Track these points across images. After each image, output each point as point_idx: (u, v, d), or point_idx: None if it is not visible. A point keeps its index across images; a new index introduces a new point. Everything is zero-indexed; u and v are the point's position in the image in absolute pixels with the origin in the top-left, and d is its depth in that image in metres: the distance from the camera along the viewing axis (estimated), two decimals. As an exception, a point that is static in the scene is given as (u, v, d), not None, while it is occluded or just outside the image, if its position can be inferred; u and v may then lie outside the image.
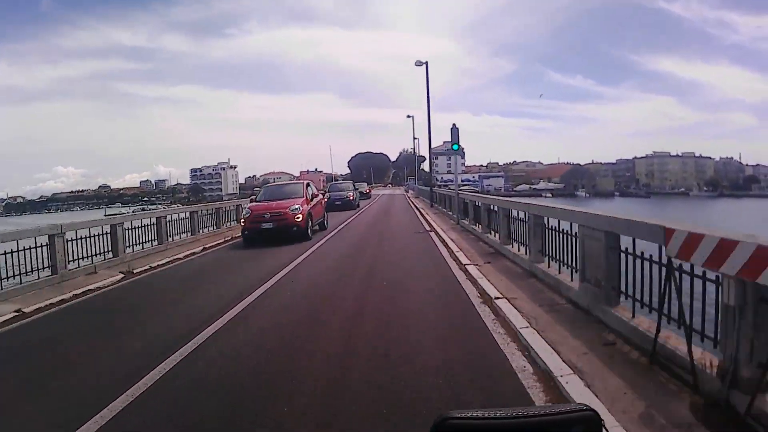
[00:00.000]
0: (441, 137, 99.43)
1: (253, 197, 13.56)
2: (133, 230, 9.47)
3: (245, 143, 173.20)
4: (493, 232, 8.73)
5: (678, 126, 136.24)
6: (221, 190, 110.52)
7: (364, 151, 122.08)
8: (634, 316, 3.61)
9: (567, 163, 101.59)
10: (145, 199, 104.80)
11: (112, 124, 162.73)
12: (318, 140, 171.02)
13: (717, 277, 2.65)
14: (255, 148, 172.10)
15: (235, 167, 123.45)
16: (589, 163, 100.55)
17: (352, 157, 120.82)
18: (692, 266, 2.86)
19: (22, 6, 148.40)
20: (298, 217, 10.09)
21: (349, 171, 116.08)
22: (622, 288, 3.84)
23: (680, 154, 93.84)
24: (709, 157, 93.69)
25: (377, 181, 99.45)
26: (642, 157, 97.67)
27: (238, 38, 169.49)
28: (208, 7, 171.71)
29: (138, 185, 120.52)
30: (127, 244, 9.11)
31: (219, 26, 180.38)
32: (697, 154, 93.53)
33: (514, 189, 76.42)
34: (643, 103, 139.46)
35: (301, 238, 10.10)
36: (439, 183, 45.23)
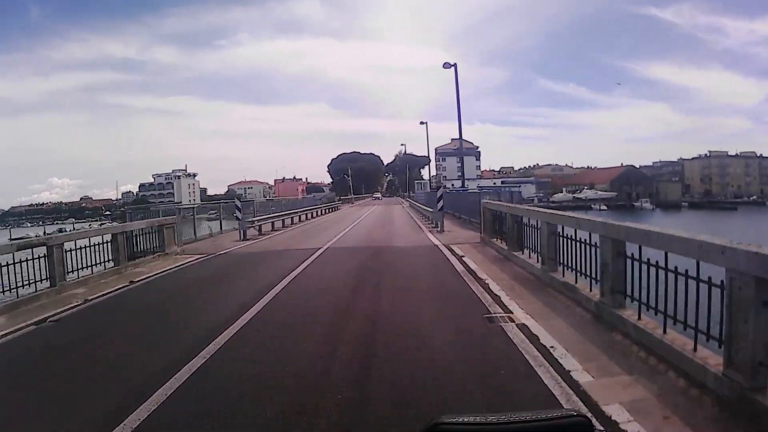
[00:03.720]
0: (432, 146, 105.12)
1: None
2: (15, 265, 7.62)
3: (237, 153, 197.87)
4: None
5: (672, 132, 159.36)
6: (179, 202, 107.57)
7: (349, 151, 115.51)
8: None
9: (601, 168, 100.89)
10: (107, 213, 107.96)
11: (105, 135, 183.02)
12: (310, 150, 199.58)
13: None
14: (246, 159, 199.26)
15: (193, 175, 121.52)
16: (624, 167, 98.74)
17: (333, 160, 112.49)
18: None
19: (12, 18, 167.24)
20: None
21: (331, 179, 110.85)
22: None
23: (738, 154, 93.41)
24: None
25: (368, 190, 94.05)
26: (694, 159, 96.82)
27: (228, 50, 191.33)
28: (197, 19, 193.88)
29: (121, 197, 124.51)
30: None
31: (209, 38, 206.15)
32: (758, 154, 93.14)
33: (551, 199, 70.03)
34: (637, 110, 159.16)
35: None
36: (449, 189, 40.65)
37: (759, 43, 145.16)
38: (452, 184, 49.46)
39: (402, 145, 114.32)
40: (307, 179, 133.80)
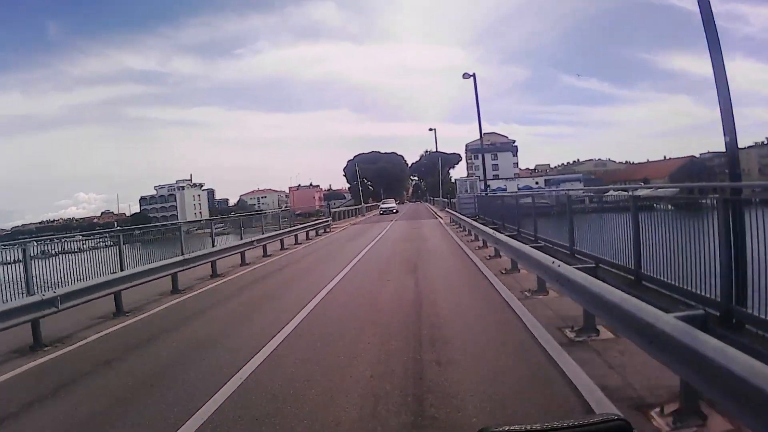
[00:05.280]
0: (456, 149, 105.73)
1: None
2: None
3: (257, 162, 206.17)
4: None
5: (693, 124, 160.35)
6: (181, 216, 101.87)
7: (368, 151, 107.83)
8: None
9: (655, 161, 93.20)
10: (111, 229, 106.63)
11: (128, 148, 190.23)
12: (332, 156, 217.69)
13: None
14: (266, 167, 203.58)
15: (200, 185, 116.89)
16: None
17: (349, 161, 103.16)
18: None
19: (32, 35, 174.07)
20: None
21: (349, 185, 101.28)
22: None
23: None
24: None
25: (391, 194, 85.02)
26: (750, 147, 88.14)
27: (248, 58, 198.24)
28: (215, 28, 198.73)
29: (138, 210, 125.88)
30: None
31: (228, 47, 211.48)
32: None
33: (604, 199, 65.25)
34: (657, 104, 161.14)
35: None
36: (486, 193, 28.33)
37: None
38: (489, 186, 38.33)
39: (426, 151, 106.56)
40: (330, 186, 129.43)
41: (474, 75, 25.29)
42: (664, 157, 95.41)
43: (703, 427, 3.10)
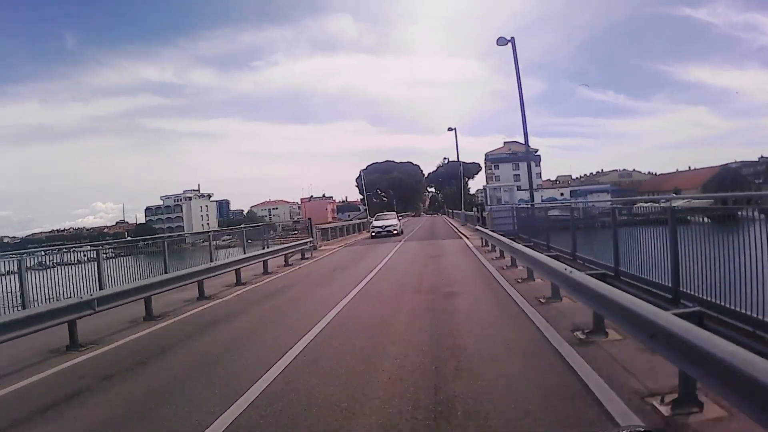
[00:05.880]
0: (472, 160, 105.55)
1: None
2: None
3: (274, 173, 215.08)
4: None
5: (712, 135, 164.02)
6: (188, 227, 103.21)
7: (382, 160, 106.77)
8: None
9: (683, 170, 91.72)
10: (128, 237, 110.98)
11: (144, 158, 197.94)
12: (348, 168, 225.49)
13: None
14: (281, 178, 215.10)
15: (208, 196, 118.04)
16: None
17: (362, 171, 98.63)
18: None
19: (50, 47, 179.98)
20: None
21: (361, 196, 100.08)
22: None
23: None
24: None
25: (406, 207, 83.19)
26: None
27: (264, 70, 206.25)
28: (232, 41, 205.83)
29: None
30: None
31: (245, 59, 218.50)
32: None
33: (633, 211, 63.70)
34: (674, 115, 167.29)
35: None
36: (533, 204, 20.73)
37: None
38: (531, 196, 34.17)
39: (445, 158, 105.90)
40: (346, 198, 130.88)
41: (513, 39, 19.00)
42: (689, 167, 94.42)
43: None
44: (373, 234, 29.24)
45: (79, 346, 7.11)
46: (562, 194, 73.03)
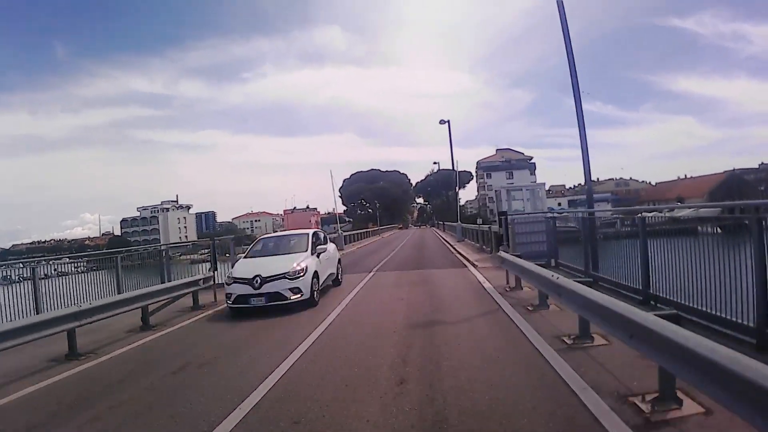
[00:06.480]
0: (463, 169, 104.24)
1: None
2: None
3: (261, 186, 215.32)
4: None
5: (699, 145, 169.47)
6: (164, 239, 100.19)
7: (366, 169, 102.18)
8: None
9: (687, 178, 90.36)
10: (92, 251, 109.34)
11: (133, 170, 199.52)
12: (337, 180, 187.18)
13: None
14: (268, 191, 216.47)
15: (187, 207, 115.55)
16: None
17: (345, 180, 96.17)
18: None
19: (39, 57, 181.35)
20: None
21: (344, 207, 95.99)
22: None
23: None
24: None
25: (392, 220, 79.11)
26: None
27: (253, 82, 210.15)
28: (222, 51, 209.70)
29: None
30: None
31: (234, 71, 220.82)
32: None
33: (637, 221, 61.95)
34: (663, 125, 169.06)
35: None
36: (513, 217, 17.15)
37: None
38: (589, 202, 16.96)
39: (435, 163, 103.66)
40: (335, 209, 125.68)
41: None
42: (686, 175, 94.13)
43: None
44: (230, 303, 9.91)
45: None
46: (559, 204, 72.12)
